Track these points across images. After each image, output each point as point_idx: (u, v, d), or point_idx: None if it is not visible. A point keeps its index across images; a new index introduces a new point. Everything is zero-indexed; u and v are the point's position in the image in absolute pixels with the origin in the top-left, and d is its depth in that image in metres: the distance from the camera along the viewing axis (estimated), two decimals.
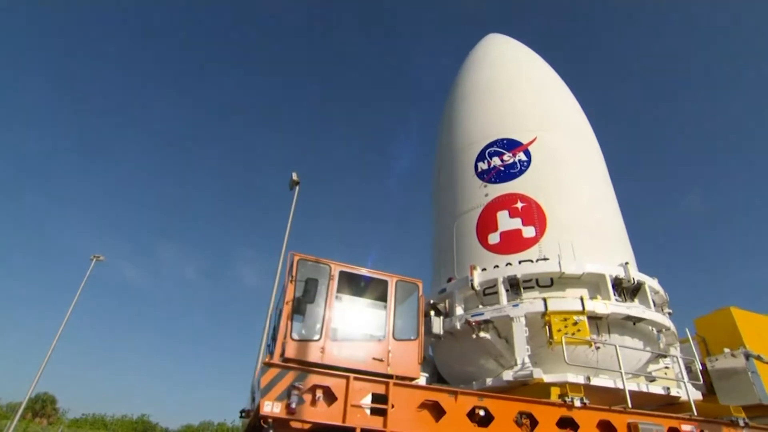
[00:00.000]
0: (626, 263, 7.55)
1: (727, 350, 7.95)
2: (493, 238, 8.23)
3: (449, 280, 8.41)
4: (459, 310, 7.74)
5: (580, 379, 6.50)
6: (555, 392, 5.96)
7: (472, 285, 7.58)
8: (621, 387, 6.43)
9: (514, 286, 7.43)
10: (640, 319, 7.20)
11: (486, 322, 7.16)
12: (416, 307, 5.91)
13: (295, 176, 12.32)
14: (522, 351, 6.71)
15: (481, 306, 7.55)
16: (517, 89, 10.07)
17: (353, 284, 5.84)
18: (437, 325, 7.78)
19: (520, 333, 6.85)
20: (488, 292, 7.71)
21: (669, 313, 8.30)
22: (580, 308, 6.84)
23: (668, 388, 7.07)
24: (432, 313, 8.24)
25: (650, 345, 7.69)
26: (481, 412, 5.37)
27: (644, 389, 6.92)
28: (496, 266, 7.78)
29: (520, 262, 7.67)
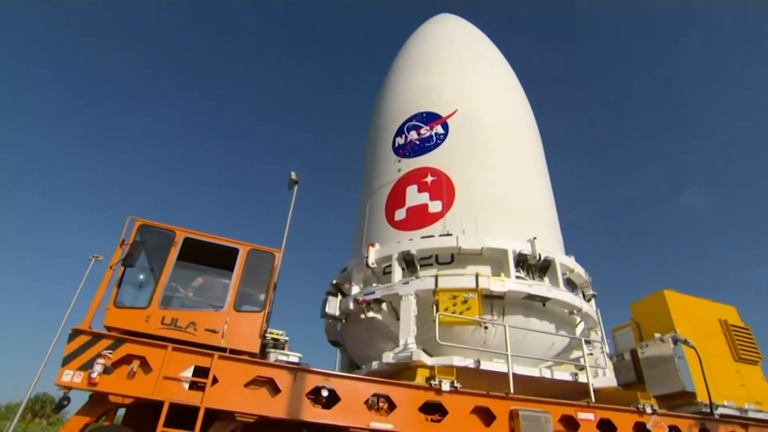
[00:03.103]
0: (534, 238, 6.88)
1: (657, 335, 7.18)
2: (400, 214, 7.68)
3: None
4: (355, 290, 7.22)
5: (470, 363, 5.87)
6: (422, 374, 5.38)
7: (366, 263, 7.05)
8: (524, 373, 5.84)
9: (411, 263, 6.86)
10: (546, 299, 6.52)
11: (377, 301, 6.62)
12: (269, 277, 5.42)
13: (293, 175, 11.85)
14: (407, 331, 6.13)
15: (375, 285, 7.00)
16: (442, 63, 9.50)
17: (201, 252, 5.41)
18: (333, 305, 7.32)
19: (406, 312, 6.28)
20: (387, 271, 7.15)
21: (593, 296, 7.57)
22: (473, 285, 6.23)
23: (576, 375, 6.35)
24: (338, 293, 7.78)
25: (565, 328, 6.98)
26: (325, 393, 4.85)
27: (547, 375, 6.22)
28: (399, 243, 7.23)
29: (422, 238, 7.09)
